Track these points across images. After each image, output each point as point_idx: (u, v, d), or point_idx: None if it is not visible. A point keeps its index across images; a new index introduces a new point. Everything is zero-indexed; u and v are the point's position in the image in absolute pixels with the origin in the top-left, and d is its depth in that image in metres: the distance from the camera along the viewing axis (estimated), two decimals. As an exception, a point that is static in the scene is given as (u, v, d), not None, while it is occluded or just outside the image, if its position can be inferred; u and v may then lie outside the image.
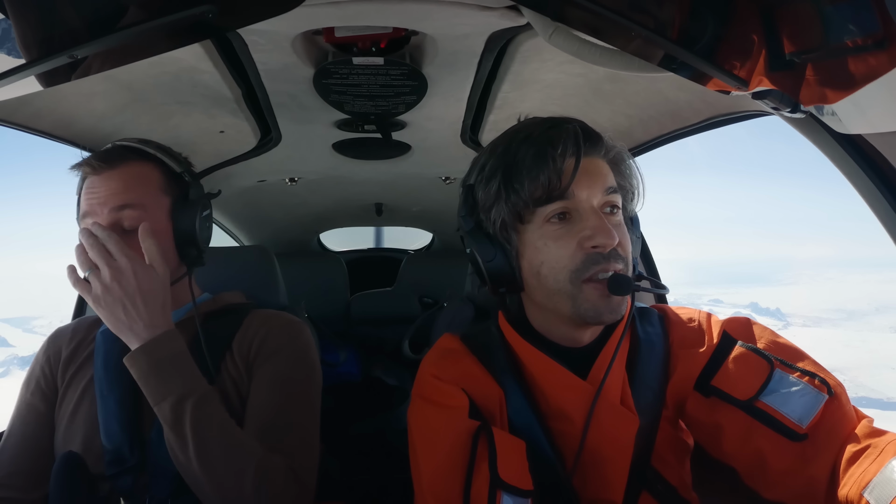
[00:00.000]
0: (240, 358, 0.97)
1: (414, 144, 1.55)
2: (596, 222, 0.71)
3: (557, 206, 0.72)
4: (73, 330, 1.04)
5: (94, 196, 0.92)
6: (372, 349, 2.30)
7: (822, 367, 0.73)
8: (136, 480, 0.88)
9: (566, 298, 0.72)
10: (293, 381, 0.96)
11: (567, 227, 0.72)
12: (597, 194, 0.73)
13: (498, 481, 0.66)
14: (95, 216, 0.91)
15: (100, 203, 0.91)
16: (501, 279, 0.78)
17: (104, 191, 0.92)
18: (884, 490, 0.58)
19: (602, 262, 0.70)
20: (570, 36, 0.71)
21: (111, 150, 0.96)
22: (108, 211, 0.90)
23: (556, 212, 0.72)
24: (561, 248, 0.72)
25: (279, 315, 1.05)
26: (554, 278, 0.73)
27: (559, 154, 0.70)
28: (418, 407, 0.80)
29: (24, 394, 0.99)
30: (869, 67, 0.54)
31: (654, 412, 0.77)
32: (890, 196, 0.77)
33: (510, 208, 0.73)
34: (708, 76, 0.64)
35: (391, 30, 0.89)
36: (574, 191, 0.71)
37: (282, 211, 2.41)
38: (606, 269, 0.71)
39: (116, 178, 0.93)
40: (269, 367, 0.95)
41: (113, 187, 0.92)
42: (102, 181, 0.92)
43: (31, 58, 0.57)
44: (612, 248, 0.71)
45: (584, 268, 0.71)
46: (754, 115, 1.00)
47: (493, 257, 0.76)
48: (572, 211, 0.72)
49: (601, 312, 0.71)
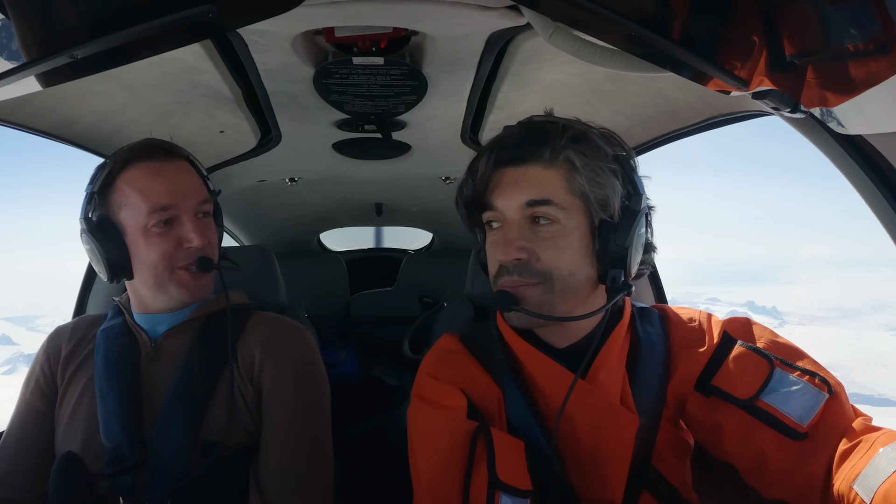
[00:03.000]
0: (243, 366, 0.97)
1: (414, 144, 1.55)
2: (498, 235, 0.74)
3: (487, 215, 0.76)
4: (72, 328, 1.04)
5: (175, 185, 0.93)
6: (372, 349, 2.30)
7: (822, 366, 0.73)
8: (135, 480, 0.88)
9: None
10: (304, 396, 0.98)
11: (495, 235, 0.76)
12: (512, 206, 0.72)
13: (496, 482, 0.66)
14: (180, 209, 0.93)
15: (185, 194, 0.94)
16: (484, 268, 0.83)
17: (187, 182, 0.95)
18: (872, 480, 0.59)
19: (505, 275, 0.73)
20: (570, 36, 0.71)
21: (166, 143, 0.98)
22: (196, 203, 0.95)
23: (488, 219, 0.76)
24: (490, 252, 0.76)
25: (280, 322, 1.06)
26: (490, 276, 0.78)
27: (482, 164, 0.74)
28: (417, 407, 0.81)
29: (23, 393, 0.99)
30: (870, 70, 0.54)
31: (655, 412, 0.77)
32: (890, 196, 0.77)
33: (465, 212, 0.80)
34: (708, 76, 0.64)
35: (391, 30, 0.89)
36: (493, 202, 0.74)
37: (282, 211, 2.41)
38: (509, 283, 0.73)
39: (186, 172, 0.97)
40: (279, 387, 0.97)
41: (192, 181, 0.96)
42: (175, 170, 0.95)
43: (31, 58, 0.57)
44: (517, 263, 0.72)
45: (496, 278, 0.75)
46: (754, 115, 1.00)
47: (479, 249, 0.83)
48: (499, 220, 0.75)
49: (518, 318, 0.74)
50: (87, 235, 0.92)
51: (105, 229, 0.92)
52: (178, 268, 0.93)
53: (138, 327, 0.99)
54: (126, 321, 1.00)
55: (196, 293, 0.96)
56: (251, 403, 0.96)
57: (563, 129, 0.73)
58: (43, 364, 1.00)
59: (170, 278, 0.93)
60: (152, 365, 0.96)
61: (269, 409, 0.95)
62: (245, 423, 0.94)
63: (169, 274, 0.93)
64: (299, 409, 0.96)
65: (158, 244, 0.91)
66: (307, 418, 0.97)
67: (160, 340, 0.98)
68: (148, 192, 0.91)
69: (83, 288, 1.49)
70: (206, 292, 0.99)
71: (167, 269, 0.93)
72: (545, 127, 0.74)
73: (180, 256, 0.93)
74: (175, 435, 0.89)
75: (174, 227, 0.93)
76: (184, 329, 0.99)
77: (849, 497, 0.61)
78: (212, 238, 0.98)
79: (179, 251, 0.93)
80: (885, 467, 0.58)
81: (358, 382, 2.17)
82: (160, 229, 0.91)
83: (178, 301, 0.97)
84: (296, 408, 0.96)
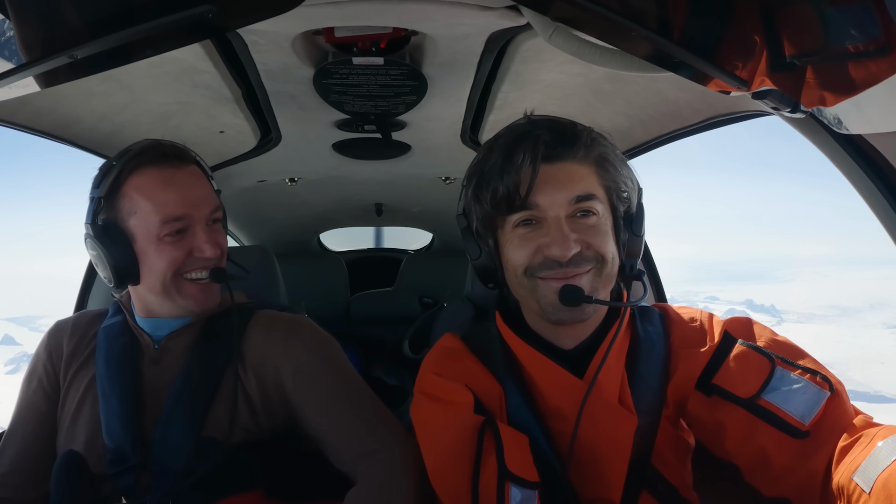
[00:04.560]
0: (250, 364, 0.96)
1: (414, 144, 1.55)
2: (554, 232, 0.73)
3: (521, 216, 0.75)
4: (73, 325, 1.03)
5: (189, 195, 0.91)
6: (372, 349, 2.30)
7: (822, 364, 0.73)
8: (137, 480, 0.88)
9: (528, 293, 0.76)
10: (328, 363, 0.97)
11: (532, 231, 0.75)
12: (560, 203, 0.73)
13: (506, 473, 0.67)
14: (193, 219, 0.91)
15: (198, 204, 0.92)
16: (486, 276, 0.83)
17: (199, 191, 0.94)
18: (871, 470, 0.59)
19: (558, 268, 0.73)
20: (570, 36, 0.71)
21: (177, 147, 0.95)
22: (208, 213, 0.94)
23: (521, 220, 0.75)
24: (522, 249, 0.75)
25: (280, 316, 1.05)
26: (514, 273, 0.76)
27: (518, 164, 0.73)
28: (421, 403, 0.81)
29: (25, 392, 0.98)
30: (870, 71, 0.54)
31: (655, 411, 0.77)
32: (889, 195, 0.77)
33: (482, 214, 0.78)
34: (708, 76, 0.64)
35: (391, 30, 0.89)
36: (535, 200, 0.73)
37: (282, 211, 2.41)
38: (565, 274, 0.72)
39: (198, 180, 0.95)
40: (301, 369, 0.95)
41: (205, 190, 0.95)
42: (187, 179, 0.93)
43: (31, 58, 0.57)
44: (574, 256, 0.72)
45: (539, 268, 0.74)
46: (754, 115, 1.00)
47: (477, 255, 0.81)
48: (537, 218, 0.74)
49: (559, 311, 0.73)
50: (94, 241, 0.90)
51: (112, 236, 0.90)
52: (185, 277, 0.93)
53: (140, 329, 0.99)
54: (126, 320, 1.00)
55: (204, 303, 0.96)
56: (257, 401, 0.95)
57: (582, 127, 0.77)
58: (45, 362, 0.99)
59: (177, 287, 0.93)
60: (155, 366, 0.96)
61: (303, 389, 0.94)
62: (246, 422, 0.94)
63: (176, 282, 0.93)
64: (330, 374, 0.96)
65: (169, 253, 0.90)
66: (342, 377, 0.97)
67: (163, 343, 0.97)
68: (160, 201, 0.89)
69: (83, 288, 1.49)
70: (215, 302, 0.98)
71: (175, 277, 0.92)
72: (569, 125, 0.77)
73: (190, 265, 0.93)
74: (177, 435, 0.89)
75: (186, 237, 0.92)
76: (186, 331, 0.99)
77: (848, 489, 0.61)
78: (223, 246, 0.97)
79: (189, 260, 0.92)
80: (885, 458, 0.59)
81: None
82: (172, 238, 0.90)
83: (184, 309, 0.97)
84: (327, 374, 0.96)
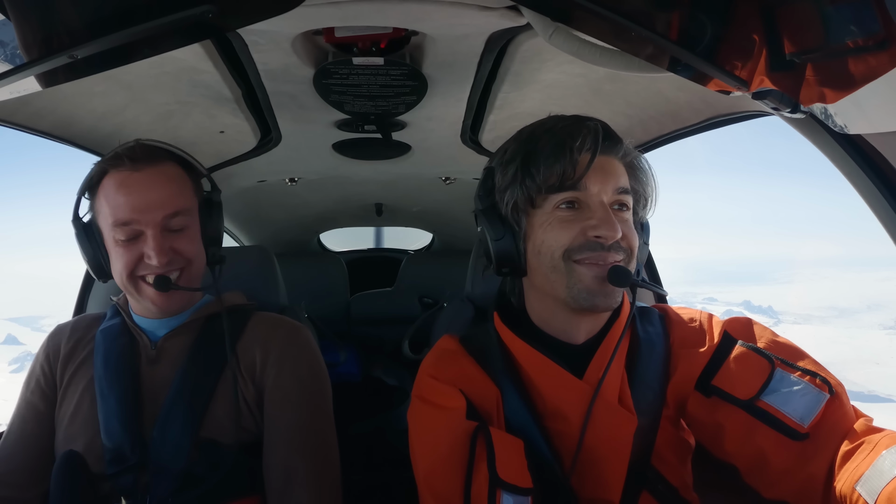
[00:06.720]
0: (244, 366, 0.97)
1: (414, 144, 1.55)
2: (602, 214, 0.74)
3: (568, 195, 0.75)
4: (72, 328, 1.04)
5: (138, 200, 0.89)
6: (372, 349, 2.30)
7: (823, 366, 0.73)
8: (136, 479, 0.88)
9: (561, 277, 0.75)
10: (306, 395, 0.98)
11: (575, 214, 0.75)
12: (607, 190, 0.75)
13: (497, 480, 0.67)
14: (141, 224, 0.89)
15: (148, 209, 0.89)
16: (505, 259, 0.80)
17: (152, 196, 0.90)
18: (875, 482, 0.59)
19: (600, 250, 0.73)
20: (570, 36, 0.71)
21: (145, 148, 0.94)
22: (161, 219, 0.90)
23: (566, 200, 0.75)
24: (565, 230, 0.75)
25: (280, 322, 1.06)
26: (550, 255, 0.75)
27: (577, 147, 0.73)
28: (417, 408, 0.81)
29: (24, 392, 0.99)
30: (869, 68, 0.54)
31: (655, 412, 0.77)
32: (889, 196, 0.77)
33: (524, 191, 0.77)
34: (708, 76, 0.64)
35: (391, 30, 0.89)
36: (586, 183, 0.74)
37: (282, 211, 2.41)
38: (605, 258, 0.73)
39: (156, 183, 0.92)
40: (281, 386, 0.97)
41: (161, 194, 0.91)
42: (143, 182, 0.90)
43: (31, 58, 0.57)
44: (614, 241, 0.73)
45: (580, 250, 0.73)
46: (754, 116, 1.00)
47: (501, 236, 0.80)
48: (581, 201, 0.75)
49: (594, 295, 0.73)
50: (75, 237, 0.95)
51: (88, 234, 0.94)
52: (144, 280, 0.92)
53: (138, 329, 0.99)
54: (125, 321, 1.01)
55: (164, 306, 0.94)
56: (252, 403, 0.96)
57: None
58: (43, 363, 1.00)
59: (136, 288, 0.93)
60: (153, 366, 0.97)
61: (273, 409, 0.95)
62: (246, 422, 0.94)
63: (134, 284, 0.92)
64: (302, 407, 0.96)
65: (122, 255, 0.91)
66: (311, 417, 0.97)
67: (160, 343, 0.98)
68: (113, 205, 0.90)
69: (83, 288, 1.49)
70: (177, 307, 0.97)
71: (131, 279, 0.92)
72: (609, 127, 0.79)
73: (142, 269, 0.92)
74: (176, 434, 0.89)
75: (139, 241, 0.91)
76: (183, 331, 0.99)
77: (852, 498, 0.60)
78: (185, 251, 0.93)
79: (142, 264, 0.91)
80: (889, 469, 0.58)
81: (358, 382, 2.17)
82: (125, 242, 0.90)
83: (149, 310, 0.97)
84: (299, 406, 0.96)
